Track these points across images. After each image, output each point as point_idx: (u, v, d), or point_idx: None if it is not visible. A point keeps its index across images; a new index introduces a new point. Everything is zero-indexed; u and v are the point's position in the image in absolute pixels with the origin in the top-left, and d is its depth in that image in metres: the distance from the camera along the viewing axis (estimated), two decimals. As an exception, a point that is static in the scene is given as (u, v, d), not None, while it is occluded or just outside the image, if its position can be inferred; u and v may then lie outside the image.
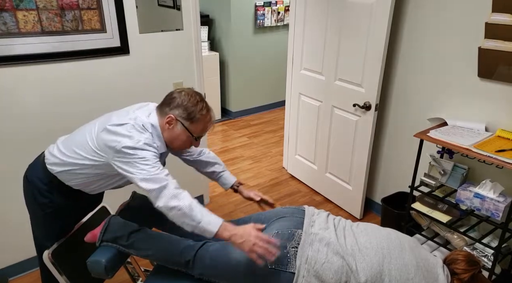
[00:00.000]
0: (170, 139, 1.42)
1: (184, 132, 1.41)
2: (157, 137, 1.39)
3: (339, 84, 2.61)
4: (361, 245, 1.33)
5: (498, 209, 1.79)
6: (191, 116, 1.39)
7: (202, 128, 1.43)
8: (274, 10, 4.41)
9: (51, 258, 1.42)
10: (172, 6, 2.26)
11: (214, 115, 1.47)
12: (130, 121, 1.34)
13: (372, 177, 2.74)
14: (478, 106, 2.01)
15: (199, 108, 1.39)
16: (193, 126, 1.40)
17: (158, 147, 1.38)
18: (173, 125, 1.39)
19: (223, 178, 1.73)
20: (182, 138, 1.42)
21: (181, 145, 1.45)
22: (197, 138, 1.46)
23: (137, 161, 1.28)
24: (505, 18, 1.74)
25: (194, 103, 1.39)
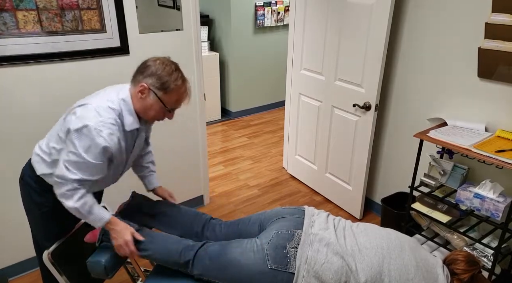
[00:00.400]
0: (142, 110, 1.37)
1: (157, 103, 1.35)
2: (128, 113, 1.35)
3: (339, 85, 2.61)
4: (361, 245, 1.33)
5: (498, 209, 1.79)
6: (164, 86, 1.32)
7: (176, 99, 1.38)
8: (274, 10, 4.41)
9: (51, 258, 1.42)
10: (172, 6, 2.26)
11: (190, 87, 1.42)
12: (92, 103, 1.32)
13: (372, 177, 2.74)
14: (478, 107, 2.01)
15: (174, 78, 1.33)
16: (166, 97, 1.35)
17: (129, 124, 1.35)
18: (145, 94, 1.34)
19: (153, 177, 1.72)
20: (155, 109, 1.37)
21: (154, 116, 1.40)
22: (171, 110, 1.40)
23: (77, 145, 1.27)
24: (505, 18, 1.74)
25: (168, 73, 1.33)
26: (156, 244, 1.45)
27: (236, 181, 3.27)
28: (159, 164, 2.53)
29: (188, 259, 1.40)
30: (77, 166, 1.29)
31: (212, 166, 3.49)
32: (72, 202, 1.32)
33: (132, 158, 1.54)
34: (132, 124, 1.37)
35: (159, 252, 1.44)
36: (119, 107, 1.34)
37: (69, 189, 1.31)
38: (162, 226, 1.63)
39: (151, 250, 1.44)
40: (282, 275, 1.29)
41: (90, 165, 1.30)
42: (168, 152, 2.58)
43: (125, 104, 1.35)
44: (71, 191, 1.31)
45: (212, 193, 3.06)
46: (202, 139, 2.70)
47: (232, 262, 1.35)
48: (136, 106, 1.37)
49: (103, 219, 1.39)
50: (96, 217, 1.38)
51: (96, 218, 1.38)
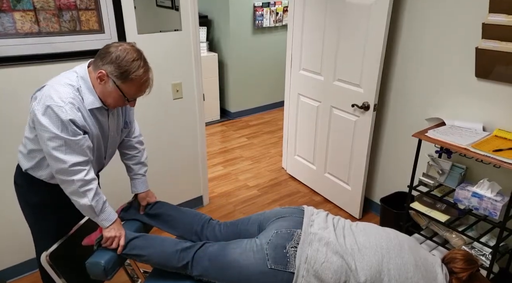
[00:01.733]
0: (102, 95, 1.34)
1: (116, 91, 1.31)
2: (88, 90, 1.32)
3: (338, 85, 2.61)
4: (360, 245, 1.33)
5: (496, 208, 1.80)
6: (124, 75, 1.27)
7: (136, 90, 1.33)
8: (272, 11, 4.41)
9: (49, 260, 1.41)
10: (171, 6, 2.26)
11: (153, 77, 1.36)
12: (49, 83, 1.30)
13: (371, 177, 2.75)
14: (475, 106, 2.02)
15: (135, 67, 1.27)
16: (125, 87, 1.30)
17: (89, 102, 1.31)
18: (104, 81, 1.30)
19: (140, 182, 1.67)
20: (114, 96, 1.32)
21: (114, 103, 1.36)
22: (130, 100, 1.36)
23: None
24: (502, 18, 1.75)
25: (129, 61, 1.26)
26: (154, 248, 1.45)
27: (235, 181, 3.27)
28: (158, 165, 2.55)
29: (186, 261, 1.40)
30: (64, 149, 1.27)
31: (212, 167, 3.50)
32: (87, 200, 1.32)
33: (112, 139, 1.51)
34: (93, 103, 1.32)
35: (157, 257, 1.44)
36: (77, 84, 1.30)
37: (81, 185, 1.30)
38: (162, 225, 1.64)
39: (149, 256, 1.44)
40: (282, 275, 1.29)
41: (73, 142, 1.27)
42: (167, 152, 2.58)
43: (83, 82, 1.31)
44: (84, 187, 1.31)
45: (211, 193, 3.06)
46: (201, 140, 2.70)
47: (232, 262, 1.35)
48: (96, 90, 1.33)
49: (111, 220, 1.41)
50: (106, 216, 1.39)
51: (105, 217, 1.39)
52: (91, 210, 1.36)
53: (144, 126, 2.41)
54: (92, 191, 1.34)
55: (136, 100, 1.40)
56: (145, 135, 2.41)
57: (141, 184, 1.68)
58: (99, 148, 1.45)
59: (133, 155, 1.67)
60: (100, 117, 1.39)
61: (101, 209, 1.38)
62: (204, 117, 2.68)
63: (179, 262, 1.41)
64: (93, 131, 1.37)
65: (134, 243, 1.46)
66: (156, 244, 1.47)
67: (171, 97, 2.45)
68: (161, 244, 1.47)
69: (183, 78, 2.46)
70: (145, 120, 2.39)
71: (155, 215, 1.65)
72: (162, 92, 2.40)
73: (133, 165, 1.67)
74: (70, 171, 1.29)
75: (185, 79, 2.47)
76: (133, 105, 1.42)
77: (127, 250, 1.45)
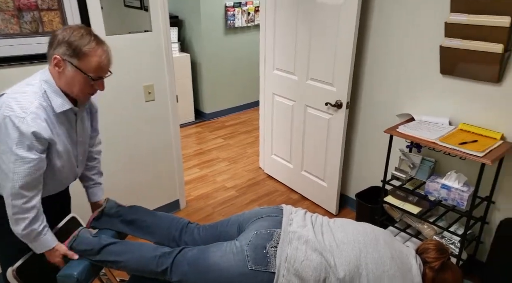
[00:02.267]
0: (67, 86, 1.26)
1: (77, 73, 1.24)
2: (54, 93, 1.25)
3: (311, 84, 2.65)
4: (338, 241, 1.35)
5: (463, 198, 1.89)
6: (76, 51, 1.20)
7: (96, 65, 1.25)
8: (244, 11, 4.42)
9: (16, 275, 1.34)
10: (139, 7, 2.22)
11: (109, 50, 1.29)
12: (9, 92, 1.23)
13: (346, 173, 2.81)
14: (441, 102, 2.11)
15: (85, 41, 1.21)
16: (83, 64, 1.23)
17: (58, 105, 1.26)
18: (62, 67, 1.23)
19: (98, 189, 1.65)
20: (78, 81, 1.25)
21: (81, 90, 1.28)
22: (95, 79, 1.28)
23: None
24: (462, 17, 1.83)
25: (77, 37, 1.21)
26: (131, 253, 1.42)
27: (212, 183, 3.26)
28: (132, 170, 2.50)
29: (165, 267, 1.38)
30: (14, 166, 1.19)
31: (187, 169, 3.47)
32: (19, 228, 1.27)
33: (81, 146, 1.46)
34: (62, 105, 1.27)
35: (134, 261, 1.41)
36: (41, 90, 1.24)
37: (16, 212, 1.24)
38: (138, 232, 1.60)
39: (126, 262, 1.41)
40: (262, 275, 1.30)
41: (24, 162, 1.20)
42: (141, 156, 2.53)
43: (48, 86, 1.25)
44: (18, 215, 1.25)
45: (188, 196, 3.04)
46: (176, 142, 2.68)
47: (212, 266, 1.34)
48: (60, 85, 1.27)
49: (48, 247, 1.36)
50: (38, 245, 1.34)
51: (38, 246, 1.34)
52: (24, 237, 1.30)
53: (116, 131, 2.37)
54: (26, 220, 1.27)
55: (103, 81, 1.32)
56: (118, 140, 2.38)
57: (101, 191, 1.66)
58: (69, 157, 1.39)
59: (93, 165, 1.64)
60: (67, 123, 1.34)
61: (34, 238, 1.31)
62: (178, 119, 2.65)
63: (158, 267, 1.38)
64: (59, 141, 1.31)
65: (110, 249, 1.42)
66: (134, 249, 1.43)
67: (143, 99, 2.41)
68: (139, 249, 1.43)
69: (155, 80, 2.43)
70: (117, 124, 2.34)
71: (129, 221, 1.60)
72: (133, 95, 2.36)
73: (92, 175, 1.64)
74: (11, 193, 1.22)
75: (157, 81, 2.44)
76: (102, 88, 1.33)
77: (102, 256, 1.41)
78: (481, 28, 1.78)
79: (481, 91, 1.93)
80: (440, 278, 1.34)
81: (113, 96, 2.26)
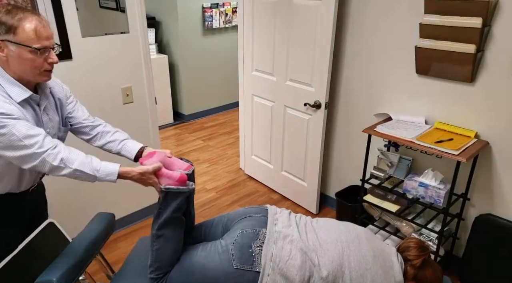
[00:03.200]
0: (20, 70, 1.22)
1: (20, 49, 1.18)
2: (8, 82, 1.22)
3: (290, 85, 2.66)
4: (321, 240, 1.37)
5: (439, 196, 1.94)
6: (8, 26, 1.16)
7: (34, 34, 1.18)
8: (221, 12, 4.40)
9: None
10: (115, 8, 2.17)
11: (44, 18, 1.24)
12: None
13: (325, 173, 2.84)
14: (418, 101, 2.16)
15: (14, 14, 1.17)
16: (20, 37, 1.17)
17: (16, 94, 1.21)
18: (3, 48, 1.18)
19: (128, 145, 1.56)
20: (25, 58, 1.19)
21: (34, 67, 1.22)
22: (42, 51, 1.21)
23: None
24: (436, 19, 1.89)
25: (4, 13, 1.17)
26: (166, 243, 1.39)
27: (192, 185, 3.22)
28: (111, 173, 2.44)
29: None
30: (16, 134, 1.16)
31: (167, 171, 3.41)
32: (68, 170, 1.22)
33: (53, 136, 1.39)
34: (20, 94, 1.22)
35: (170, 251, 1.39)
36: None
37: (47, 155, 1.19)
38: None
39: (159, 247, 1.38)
40: (248, 275, 1.30)
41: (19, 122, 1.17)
42: (120, 159, 2.47)
43: (1, 77, 1.21)
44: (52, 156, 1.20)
45: (168, 199, 2.99)
46: (155, 144, 2.63)
47: (197, 266, 1.34)
48: (12, 71, 1.22)
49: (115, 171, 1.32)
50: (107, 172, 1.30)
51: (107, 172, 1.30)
52: (83, 175, 1.25)
53: (93, 134, 2.30)
54: (60, 154, 1.22)
55: (51, 51, 1.26)
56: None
57: (133, 142, 1.56)
58: None
59: (105, 130, 1.57)
60: (32, 113, 1.29)
61: (95, 166, 1.27)
62: (157, 121, 2.60)
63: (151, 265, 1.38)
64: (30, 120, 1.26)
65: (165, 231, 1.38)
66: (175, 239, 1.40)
67: (121, 102, 2.36)
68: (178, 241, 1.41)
69: (133, 82, 2.38)
70: (94, 127, 2.28)
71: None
72: (111, 98, 2.30)
73: (110, 137, 1.55)
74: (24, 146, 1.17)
75: (135, 83, 2.39)
76: (54, 59, 1.26)
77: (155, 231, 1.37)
78: (454, 29, 1.84)
79: (455, 91, 1.99)
80: (421, 275, 1.37)
81: (90, 99, 2.20)
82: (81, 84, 2.15)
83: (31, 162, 1.20)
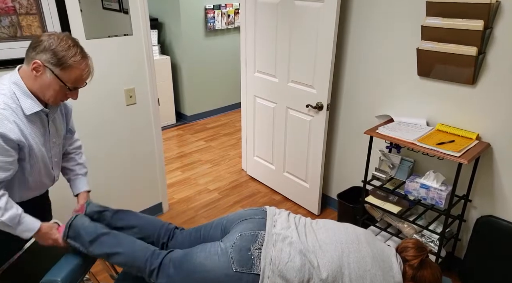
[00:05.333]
0: (40, 90, 1.25)
1: (55, 81, 1.23)
2: (24, 95, 1.24)
3: (292, 86, 2.67)
4: (321, 241, 1.37)
5: (441, 197, 1.94)
6: (61, 62, 1.21)
7: (77, 77, 1.26)
8: (224, 13, 4.41)
9: None
10: (118, 9, 2.19)
11: (92, 64, 1.31)
12: None
13: (327, 174, 2.85)
14: (419, 103, 2.17)
15: (72, 53, 1.22)
16: (65, 75, 1.23)
17: (28, 107, 1.24)
18: (40, 72, 1.22)
19: (80, 181, 1.61)
20: (54, 88, 1.25)
21: (55, 96, 1.28)
22: (72, 89, 1.29)
23: None
24: (438, 21, 1.89)
25: (65, 48, 1.21)
26: (124, 247, 1.40)
27: (195, 185, 3.24)
28: (114, 172, 2.46)
29: (153, 268, 1.38)
30: None
31: (170, 172, 3.43)
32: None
33: (55, 147, 1.43)
34: (32, 107, 1.25)
35: (126, 256, 1.40)
36: (10, 92, 1.23)
37: None
38: None
39: (118, 254, 1.40)
40: (247, 277, 1.30)
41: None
42: (123, 159, 2.49)
43: (17, 88, 1.24)
44: None
45: (171, 199, 3.00)
46: (158, 145, 2.65)
47: (196, 267, 1.34)
48: (32, 87, 1.25)
49: (34, 229, 1.33)
50: (25, 227, 1.31)
51: (25, 228, 1.31)
52: (5, 226, 1.27)
53: (98, 135, 2.32)
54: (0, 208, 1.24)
55: (78, 91, 1.32)
56: (99, 144, 2.33)
57: (83, 182, 1.61)
58: (43, 158, 1.37)
59: (71, 157, 1.61)
60: (40, 124, 1.32)
61: (17, 222, 1.29)
62: (160, 122, 2.62)
63: (147, 266, 1.38)
64: (31, 143, 1.29)
65: (104, 240, 1.40)
66: (127, 243, 1.42)
67: (124, 103, 2.37)
68: (132, 244, 1.42)
69: (136, 84, 2.39)
70: (98, 128, 2.29)
71: (116, 227, 1.58)
72: (114, 99, 2.32)
73: (72, 166, 1.60)
74: None
75: (138, 84, 2.40)
76: (76, 97, 1.33)
77: (95, 247, 1.39)
78: (455, 32, 1.84)
79: (457, 92, 2.00)
80: (419, 275, 1.38)
81: (94, 101, 2.22)
82: (85, 87, 2.16)
83: None
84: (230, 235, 1.41)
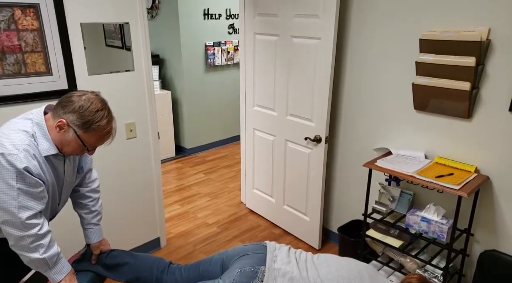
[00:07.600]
0: (60, 144, 1.29)
1: (76, 141, 1.27)
2: (43, 137, 1.27)
3: (290, 119, 2.71)
4: (322, 277, 1.35)
5: (442, 231, 1.92)
6: (86, 125, 1.25)
7: (97, 139, 1.30)
8: (224, 50, 4.55)
9: None
10: (121, 46, 2.26)
11: (116, 127, 1.36)
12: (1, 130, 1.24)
13: (327, 207, 2.82)
14: (417, 136, 2.19)
15: (98, 118, 1.26)
16: (86, 136, 1.27)
17: (45, 149, 1.27)
18: (64, 130, 1.26)
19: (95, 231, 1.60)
20: (73, 146, 1.29)
21: (71, 152, 1.32)
22: (90, 149, 1.33)
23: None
24: (430, 57, 1.96)
25: (92, 112, 1.24)
26: None
27: (193, 219, 3.19)
28: (111, 206, 2.43)
29: None
30: (17, 202, 1.19)
31: (168, 206, 3.39)
32: (37, 254, 1.24)
33: (66, 184, 1.45)
34: (48, 150, 1.28)
35: None
36: (32, 130, 1.26)
37: (33, 241, 1.22)
38: (119, 276, 1.55)
39: None
40: (247, 315, 1.26)
41: (32, 194, 1.22)
42: (121, 192, 2.47)
43: (39, 129, 1.27)
44: (36, 242, 1.23)
45: (169, 234, 2.95)
46: (157, 179, 2.64)
47: None
48: (53, 138, 1.29)
49: (65, 272, 1.33)
50: (59, 269, 1.31)
51: (58, 270, 1.31)
52: (43, 264, 1.27)
53: (97, 168, 2.30)
54: (44, 245, 1.26)
55: (95, 149, 1.36)
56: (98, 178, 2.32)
57: (94, 234, 1.60)
58: (54, 194, 1.39)
59: (85, 203, 1.60)
60: (56, 163, 1.34)
61: (55, 262, 1.29)
62: (159, 155, 2.63)
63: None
64: (48, 179, 1.31)
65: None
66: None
67: (125, 137, 2.39)
68: None
69: (137, 118, 2.43)
70: (97, 161, 2.29)
71: (110, 265, 1.56)
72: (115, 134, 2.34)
73: (85, 214, 1.60)
74: (25, 225, 1.21)
75: (138, 119, 2.44)
76: (91, 154, 1.38)
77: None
78: (449, 67, 1.90)
79: (453, 126, 2.03)
80: (425, 312, 1.34)
81: (92, 134, 2.24)
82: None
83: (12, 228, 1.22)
84: (230, 272, 1.38)
